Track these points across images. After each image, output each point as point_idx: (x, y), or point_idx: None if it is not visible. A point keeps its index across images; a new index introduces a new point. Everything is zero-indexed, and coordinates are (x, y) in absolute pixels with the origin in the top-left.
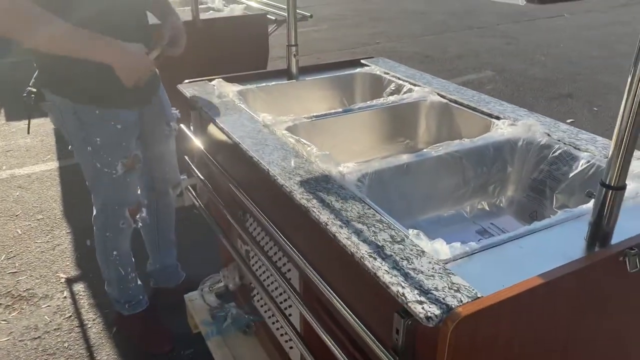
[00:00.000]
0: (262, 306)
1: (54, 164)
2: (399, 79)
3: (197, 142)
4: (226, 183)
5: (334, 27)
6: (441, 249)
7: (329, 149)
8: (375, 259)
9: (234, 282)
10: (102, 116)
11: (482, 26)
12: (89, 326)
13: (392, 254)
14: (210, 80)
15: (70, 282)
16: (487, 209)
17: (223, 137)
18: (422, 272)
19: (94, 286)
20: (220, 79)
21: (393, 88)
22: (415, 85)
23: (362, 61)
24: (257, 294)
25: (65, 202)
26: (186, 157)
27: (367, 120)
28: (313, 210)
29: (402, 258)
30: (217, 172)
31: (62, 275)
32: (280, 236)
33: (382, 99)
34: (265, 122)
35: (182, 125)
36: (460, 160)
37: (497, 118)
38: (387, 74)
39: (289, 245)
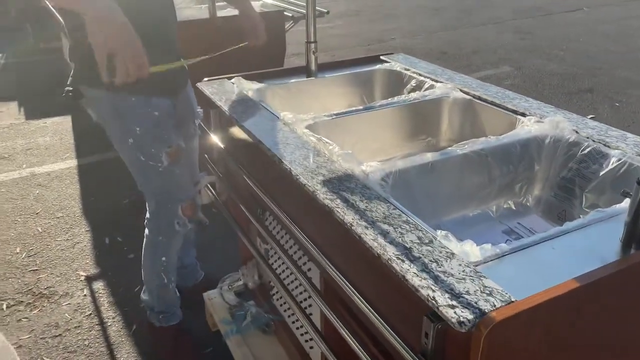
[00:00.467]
0: (281, 305)
1: (73, 162)
2: (419, 75)
3: (217, 140)
4: (246, 181)
5: (349, 24)
6: (471, 250)
7: (350, 147)
8: (403, 261)
9: (254, 281)
10: (137, 103)
11: (497, 21)
12: (109, 324)
13: (421, 255)
14: (230, 78)
15: (90, 280)
16: (514, 208)
17: (243, 135)
18: (452, 275)
19: (113, 284)
20: (240, 77)
21: (414, 84)
22: (436, 81)
23: (381, 57)
24: (277, 292)
25: (84, 200)
26: (205, 155)
27: (388, 118)
28: (337, 211)
29: (431, 260)
30: (236, 170)
31: (82, 273)
32: (302, 235)
33: (403, 95)
34: (286, 120)
35: (200, 123)
36: (486, 158)
37: (523, 115)
38: (408, 70)
39: (310, 244)
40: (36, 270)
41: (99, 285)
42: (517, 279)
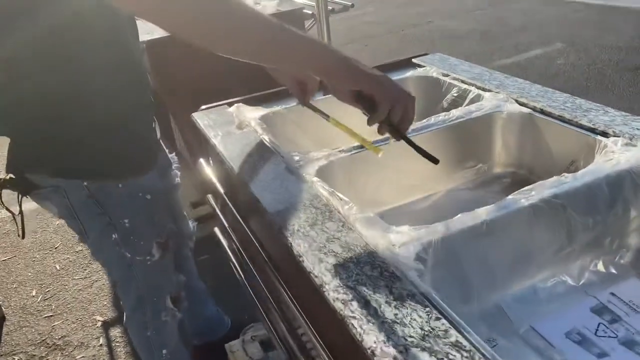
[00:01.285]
0: None
1: None
2: (462, 82)
3: (218, 186)
4: (250, 240)
5: (381, 9)
6: None
7: (375, 188)
8: None
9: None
10: (127, 190)
11: None
12: None
13: None
14: (230, 104)
15: (106, 326)
16: (603, 270)
17: (242, 186)
18: None
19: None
20: (240, 104)
21: (455, 95)
22: (484, 89)
23: (413, 60)
24: None
25: None
26: (210, 198)
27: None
28: (353, 325)
29: None
30: (239, 224)
31: (98, 318)
32: (315, 337)
33: (442, 114)
34: (292, 164)
35: (202, 161)
36: (563, 208)
37: (604, 134)
38: (447, 75)
39: (323, 349)
40: (51, 316)
41: (115, 333)
42: None
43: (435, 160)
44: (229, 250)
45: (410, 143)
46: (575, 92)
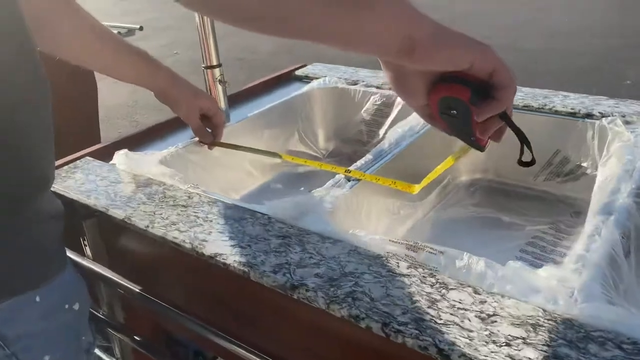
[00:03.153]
0: None
1: None
2: (378, 87)
3: (108, 273)
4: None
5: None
6: None
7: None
8: None
9: None
10: (48, 302)
11: None
12: None
13: None
14: (107, 153)
15: None
16: None
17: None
18: None
19: None
20: (125, 151)
21: (378, 103)
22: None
23: (296, 73)
24: None
25: None
26: None
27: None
28: None
29: None
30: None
31: None
32: None
33: (387, 138)
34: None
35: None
36: None
37: (589, 116)
38: (356, 83)
39: None
40: None
41: None
42: None
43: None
44: None
45: (522, 135)
46: None
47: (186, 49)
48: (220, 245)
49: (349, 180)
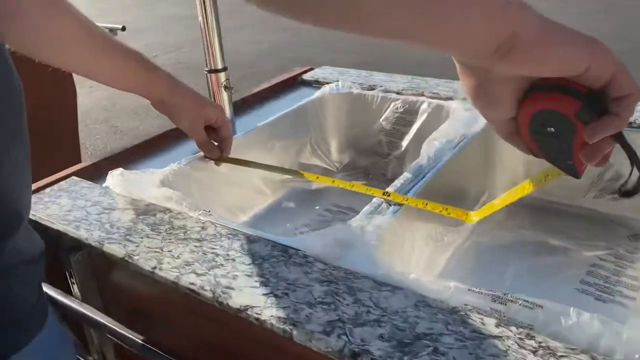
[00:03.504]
0: None
1: None
2: (398, 93)
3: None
4: None
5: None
6: None
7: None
8: None
9: None
10: None
11: None
12: None
13: None
14: (96, 171)
15: None
16: None
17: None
18: None
19: None
20: (121, 170)
21: (400, 110)
22: (439, 98)
23: (303, 77)
24: None
25: None
26: None
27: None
28: None
29: None
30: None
31: None
32: None
33: (426, 151)
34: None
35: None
36: None
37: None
38: (373, 88)
39: None
40: None
41: None
42: None
43: None
44: None
45: (637, 159)
46: None
47: (164, 51)
48: (249, 294)
49: (389, 205)
